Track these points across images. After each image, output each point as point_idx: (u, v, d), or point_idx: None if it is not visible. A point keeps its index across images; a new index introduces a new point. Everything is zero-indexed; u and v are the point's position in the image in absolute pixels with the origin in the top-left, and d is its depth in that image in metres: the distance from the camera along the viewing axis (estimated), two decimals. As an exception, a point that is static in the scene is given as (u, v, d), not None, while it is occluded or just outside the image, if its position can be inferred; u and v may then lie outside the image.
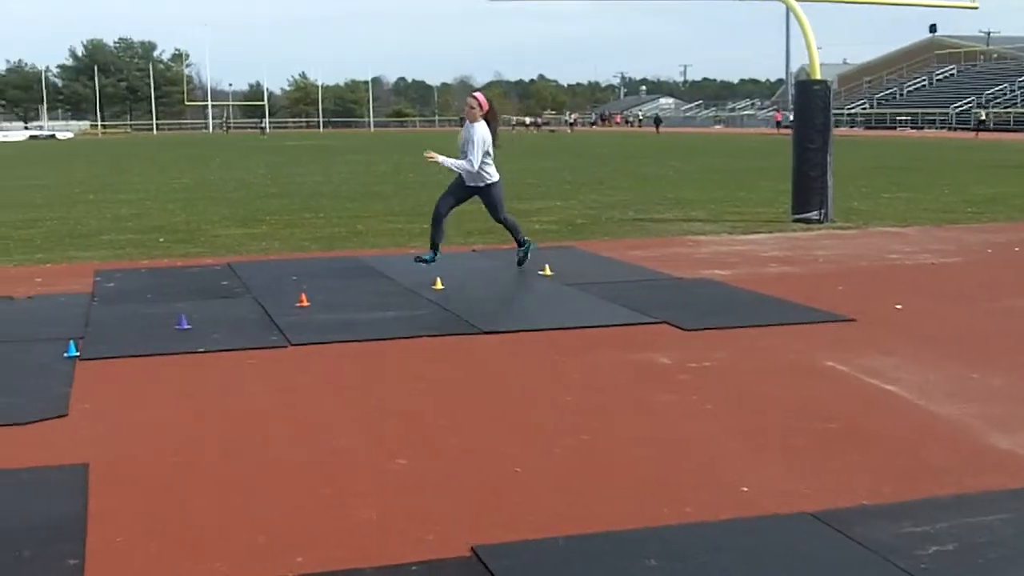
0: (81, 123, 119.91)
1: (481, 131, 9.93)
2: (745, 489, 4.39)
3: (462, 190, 10.32)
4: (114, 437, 5.26)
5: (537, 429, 5.29)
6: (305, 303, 8.56)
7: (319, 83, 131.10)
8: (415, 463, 4.77)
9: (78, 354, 6.96)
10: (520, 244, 10.53)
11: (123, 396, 6.04)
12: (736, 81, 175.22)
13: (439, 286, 9.22)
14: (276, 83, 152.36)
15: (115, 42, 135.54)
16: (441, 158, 10.06)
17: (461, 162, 9.98)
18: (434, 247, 10.23)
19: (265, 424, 5.45)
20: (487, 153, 9.98)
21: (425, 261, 10.14)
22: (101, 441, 5.18)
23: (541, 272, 10.07)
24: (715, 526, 4.02)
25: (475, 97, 10.22)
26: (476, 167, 9.91)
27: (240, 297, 9.04)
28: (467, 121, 10.16)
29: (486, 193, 10.24)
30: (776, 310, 8.29)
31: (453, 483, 4.51)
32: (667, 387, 6.05)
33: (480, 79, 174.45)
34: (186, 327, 7.73)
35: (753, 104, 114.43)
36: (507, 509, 4.20)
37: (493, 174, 10.15)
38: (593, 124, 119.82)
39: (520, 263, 10.47)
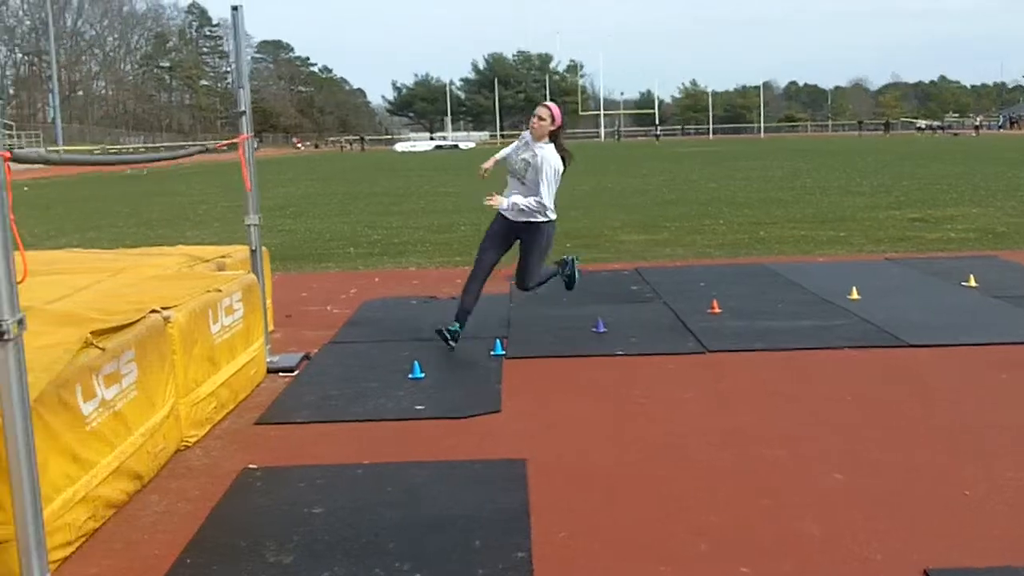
0: (481, 134, 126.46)
1: (554, 159, 7.47)
2: None
3: (506, 229, 7.74)
4: (546, 434, 5.44)
5: (980, 450, 4.95)
6: (716, 309, 8.52)
7: (709, 90, 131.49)
8: (853, 478, 4.60)
9: (504, 353, 7.28)
10: (562, 274, 8.26)
11: (550, 395, 6.24)
12: None
13: (855, 296, 8.90)
14: (666, 91, 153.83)
15: (514, 55, 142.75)
16: (506, 203, 7.53)
17: (529, 202, 7.46)
18: (460, 317, 7.66)
19: (691, 429, 5.45)
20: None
21: (448, 336, 7.58)
22: (534, 437, 5.37)
23: (965, 283, 9.49)
24: None
25: (548, 107, 7.60)
26: (549, 207, 7.53)
27: (651, 302, 9.14)
28: (530, 137, 7.63)
29: (534, 233, 7.61)
30: None
31: (896, 501, 4.30)
32: None
33: (876, 81, 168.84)
34: (602, 330, 7.90)
35: None
36: (957, 533, 3.96)
37: (551, 210, 7.62)
38: (1000, 127, 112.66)
39: (568, 283, 8.34)
